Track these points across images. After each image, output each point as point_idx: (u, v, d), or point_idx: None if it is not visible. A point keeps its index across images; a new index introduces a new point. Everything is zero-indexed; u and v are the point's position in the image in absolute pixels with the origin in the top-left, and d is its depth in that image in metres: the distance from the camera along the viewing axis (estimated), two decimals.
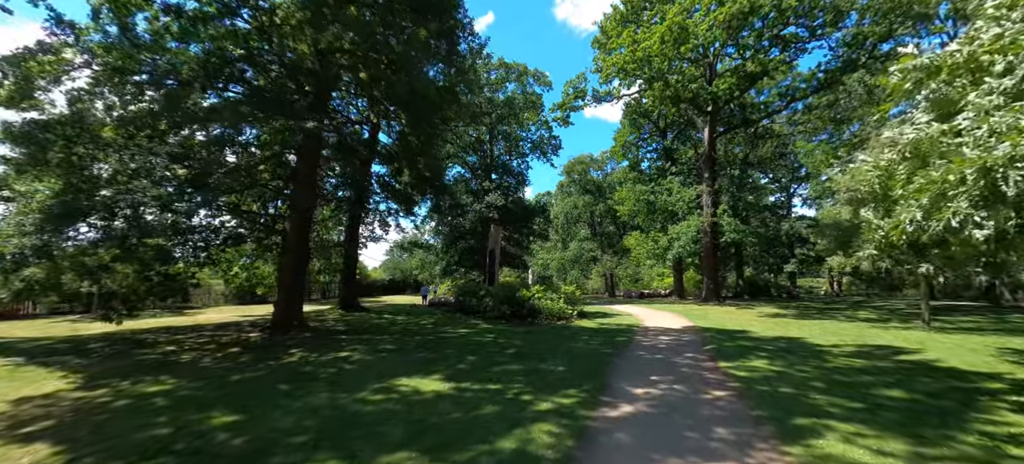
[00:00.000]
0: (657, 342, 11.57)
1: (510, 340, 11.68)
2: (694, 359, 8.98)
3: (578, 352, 9.81)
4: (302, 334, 12.44)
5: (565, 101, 31.77)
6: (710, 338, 12.18)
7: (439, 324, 16.37)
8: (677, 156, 37.23)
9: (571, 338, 12.25)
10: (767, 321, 17.28)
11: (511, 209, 35.74)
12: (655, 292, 45.21)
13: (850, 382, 6.85)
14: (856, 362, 8.48)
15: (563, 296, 18.40)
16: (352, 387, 6.66)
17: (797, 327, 15.02)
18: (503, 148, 40.73)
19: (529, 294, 17.58)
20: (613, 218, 55.08)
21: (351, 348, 10.21)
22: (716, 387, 6.67)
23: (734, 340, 11.63)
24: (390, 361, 8.71)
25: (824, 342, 11.15)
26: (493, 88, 36.31)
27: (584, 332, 13.79)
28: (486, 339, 11.89)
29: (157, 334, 13.23)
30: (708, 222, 27.29)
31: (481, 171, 36.10)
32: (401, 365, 8.31)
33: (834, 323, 16.21)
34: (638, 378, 7.30)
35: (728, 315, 20.00)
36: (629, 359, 9.07)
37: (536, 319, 17.23)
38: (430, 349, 10.05)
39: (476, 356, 9.19)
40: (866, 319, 17.66)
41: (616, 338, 12.26)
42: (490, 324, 16.32)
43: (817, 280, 59.42)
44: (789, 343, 11.07)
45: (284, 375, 7.57)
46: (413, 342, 11.25)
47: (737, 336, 12.63)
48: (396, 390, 6.50)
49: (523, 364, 8.32)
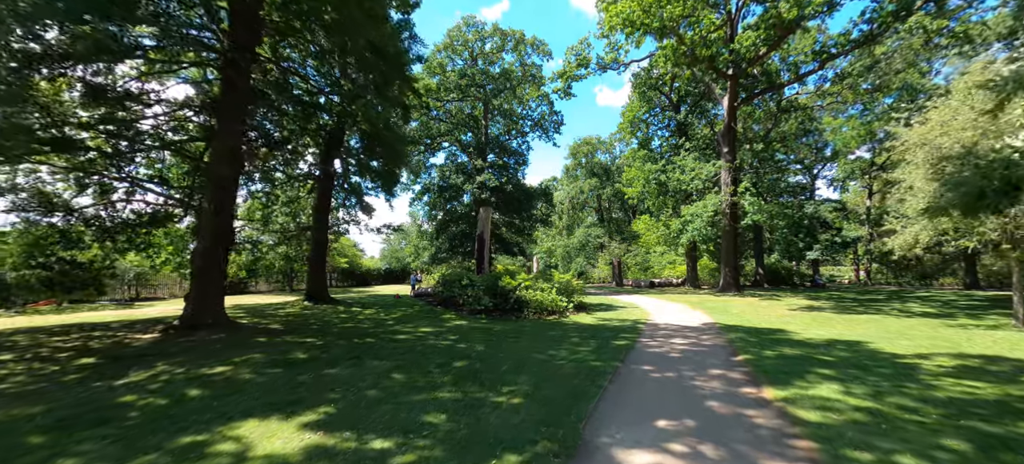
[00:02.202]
0: (669, 348, 8.63)
1: (472, 345, 8.84)
2: (725, 380, 6.04)
3: (556, 367, 6.93)
4: (212, 335, 9.75)
5: (566, 69, 28.45)
6: (739, 342, 9.20)
7: (405, 320, 13.62)
8: (691, 132, 33.82)
9: (557, 341, 9.37)
10: (802, 316, 14.21)
11: (508, 191, 32.77)
12: (666, 281, 42.00)
13: (1006, 434, 3.90)
14: (979, 388, 5.47)
15: (556, 286, 15.49)
16: (153, 440, 3.91)
17: (845, 325, 11.95)
18: (502, 127, 37.69)
19: (513, 283, 14.71)
20: (621, 202, 51.77)
21: (244, 358, 7.47)
22: (774, 448, 3.75)
23: (774, 346, 8.64)
24: (267, 386, 5.92)
25: (900, 350, 8.11)
26: (488, 59, 33.17)
27: (577, 331, 10.90)
28: (442, 344, 9.07)
29: (21, 334, 10.64)
30: (727, 202, 24.04)
31: (474, 150, 33.10)
32: (278, 392, 5.52)
33: (891, 320, 13.06)
34: (637, 425, 4.40)
35: (752, 308, 16.92)
36: (628, 381, 6.16)
37: (522, 313, 14.40)
38: (350, 363, 7.25)
39: (403, 375, 6.36)
40: (925, 314, 14.44)
41: (615, 341, 9.35)
42: (467, 320, 13.53)
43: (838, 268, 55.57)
44: (851, 351, 8.05)
45: (78, 407, 4.84)
46: (340, 350, 8.48)
47: (774, 338, 9.63)
48: (210, 452, 3.71)
49: (462, 391, 5.48)
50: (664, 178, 29.21)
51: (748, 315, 14.72)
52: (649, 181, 30.32)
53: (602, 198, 52.47)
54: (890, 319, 13.34)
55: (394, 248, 57.87)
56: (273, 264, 26.60)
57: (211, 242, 10.65)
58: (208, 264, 10.65)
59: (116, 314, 15.15)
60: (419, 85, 26.42)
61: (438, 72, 31.85)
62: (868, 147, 41.44)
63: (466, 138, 34.36)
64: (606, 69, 28.36)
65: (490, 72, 32.25)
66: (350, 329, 11.33)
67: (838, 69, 29.88)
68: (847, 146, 38.52)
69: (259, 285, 33.65)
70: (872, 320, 13.16)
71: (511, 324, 12.48)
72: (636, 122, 36.04)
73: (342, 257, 38.18)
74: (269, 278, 34.12)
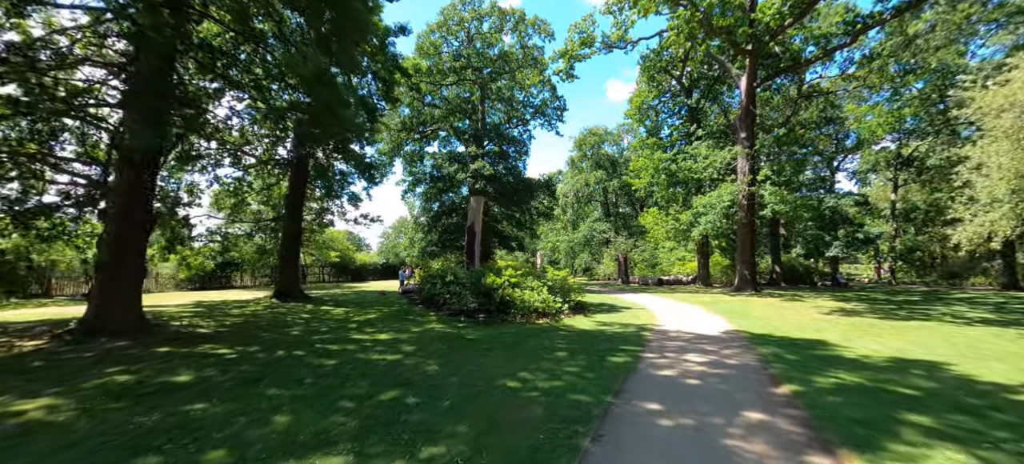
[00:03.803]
0: (683, 370, 6.53)
1: (422, 363, 6.81)
2: (773, 436, 3.94)
3: (521, 404, 4.88)
4: (112, 343, 7.84)
5: (569, 48, 26.20)
6: (775, 360, 7.07)
7: (369, 324, 11.67)
8: (704, 119, 31.39)
9: (537, 356, 7.31)
10: (838, 322, 12.02)
11: (506, 181, 30.65)
12: (675, 279, 39.60)
13: None
14: None
15: (547, 284, 13.42)
16: None
17: (894, 334, 9.77)
18: (503, 115, 35.56)
19: (498, 281, 12.66)
20: (628, 196, 49.41)
21: (99, 383, 5.50)
22: None
23: (823, 368, 6.50)
24: (86, 432, 3.97)
25: (999, 376, 5.94)
26: (486, 40, 30.98)
27: (568, 340, 8.84)
28: (384, 361, 7.06)
29: None
30: (744, 192, 21.73)
31: (470, 137, 30.96)
32: (86, 444, 3.56)
33: (949, 327, 10.81)
34: None
35: (776, 311, 14.71)
36: (622, 436, 4.08)
37: (509, 315, 12.38)
38: (237, 392, 5.27)
39: (291, 416, 4.35)
40: (984, 321, 12.13)
41: (612, 356, 7.28)
42: (443, 323, 11.55)
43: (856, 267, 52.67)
44: (933, 378, 5.90)
45: None
46: (248, 367, 6.51)
47: (819, 355, 7.48)
48: None
49: (357, 453, 3.46)
50: (674, 167, 26.87)
51: (774, 320, 12.54)
52: (658, 171, 27.98)
53: (608, 191, 50.09)
54: (946, 326, 11.11)
55: (392, 242, 56.03)
56: (246, 257, 24.79)
57: (123, 230, 8.74)
58: (118, 255, 8.74)
59: (22, 314, 13.29)
60: (407, 64, 24.42)
61: (431, 54, 29.76)
62: (894, 138, 38.89)
63: (462, 125, 32.23)
64: (612, 48, 26.11)
65: (488, 54, 30.07)
66: (293, 337, 9.38)
67: (867, 49, 27.31)
68: (873, 134, 35.82)
69: (243, 279, 31.99)
70: (924, 327, 10.94)
71: (491, 330, 10.45)
72: (644, 108, 33.68)
73: (332, 251, 36.35)
74: (256, 272, 32.43)
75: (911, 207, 38.20)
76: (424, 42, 29.59)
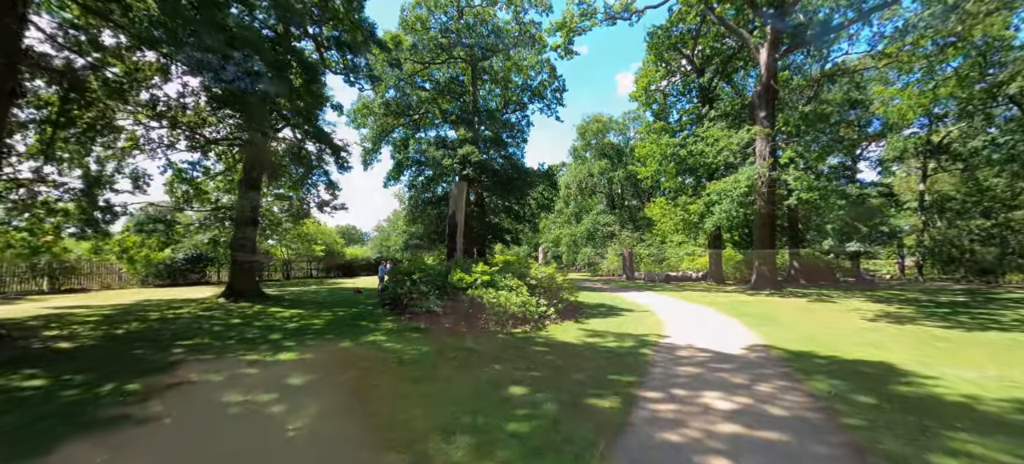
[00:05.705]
0: (705, 432, 4.11)
1: (292, 410, 4.47)
2: None
3: None
4: None
5: (567, 20, 23.64)
6: (843, 406, 4.61)
7: (305, 332, 9.39)
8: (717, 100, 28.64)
9: (482, 397, 4.94)
10: (893, 333, 9.48)
11: (502, 170, 28.19)
12: (684, 275, 36.93)
13: None
14: None
15: (529, 283, 11.02)
16: None
17: (996, 356, 7.21)
18: (499, 100, 33.05)
19: (466, 280, 10.27)
20: (634, 187, 46.73)
21: None
22: None
23: (927, 429, 4.04)
24: None
25: None
26: (478, 16, 28.44)
27: (541, 367, 6.45)
28: (231, 412, 4.73)
29: None
30: (764, 178, 19.11)
31: (458, 119, 28.44)
32: None
33: None
34: None
35: (808, 316, 12.17)
36: None
37: (480, 321, 10.03)
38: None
39: None
40: None
41: (597, 399, 4.88)
42: (393, 336, 9.23)
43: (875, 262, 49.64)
44: None
45: None
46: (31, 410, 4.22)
47: (911, 402, 4.98)
48: None
49: None
50: (684, 152, 24.18)
51: (808, 328, 10.02)
52: (666, 157, 25.30)
53: (613, 182, 47.46)
54: None
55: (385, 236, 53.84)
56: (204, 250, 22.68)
57: None
58: None
59: None
60: (387, 37, 22.06)
61: (417, 30, 27.27)
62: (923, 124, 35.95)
63: (451, 108, 29.71)
64: (615, 19, 23.54)
65: (479, 30, 27.52)
66: (168, 359, 7.10)
67: (903, 19, 24.36)
68: (903, 118, 32.74)
69: (221, 275, 29.93)
70: (1016, 342, 8.40)
71: (446, 343, 8.08)
72: (651, 90, 30.95)
73: (316, 245, 34.20)
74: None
75: (945, 197, 35.16)
76: (409, 16, 27.10)
